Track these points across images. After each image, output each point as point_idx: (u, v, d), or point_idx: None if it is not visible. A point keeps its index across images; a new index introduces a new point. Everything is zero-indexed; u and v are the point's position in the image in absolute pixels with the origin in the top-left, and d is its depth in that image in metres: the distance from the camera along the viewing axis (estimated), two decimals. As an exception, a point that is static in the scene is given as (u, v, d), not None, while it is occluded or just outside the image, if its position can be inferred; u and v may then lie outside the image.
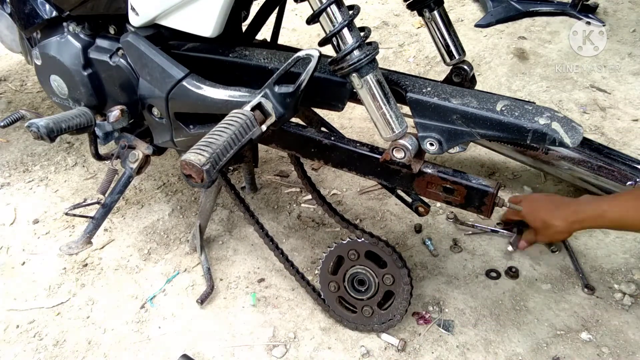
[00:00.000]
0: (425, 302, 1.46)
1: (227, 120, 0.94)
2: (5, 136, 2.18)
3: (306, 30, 2.83)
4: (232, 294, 1.51)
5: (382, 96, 1.00)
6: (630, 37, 2.52)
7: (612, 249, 1.59)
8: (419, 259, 1.59)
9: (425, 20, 1.22)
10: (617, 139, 1.97)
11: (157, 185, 1.92)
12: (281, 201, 1.83)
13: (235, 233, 1.72)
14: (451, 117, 0.99)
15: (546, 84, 2.29)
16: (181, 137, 1.28)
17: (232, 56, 1.23)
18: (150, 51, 1.20)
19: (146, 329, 1.43)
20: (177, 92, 1.18)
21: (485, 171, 1.90)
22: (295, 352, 1.36)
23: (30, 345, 1.40)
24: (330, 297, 1.38)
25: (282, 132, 1.20)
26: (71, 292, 1.54)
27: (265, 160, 2.01)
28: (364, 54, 0.97)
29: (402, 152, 1.05)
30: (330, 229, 1.71)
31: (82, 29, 1.34)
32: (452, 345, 1.35)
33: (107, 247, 1.68)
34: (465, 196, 1.05)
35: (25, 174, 1.99)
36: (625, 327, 1.37)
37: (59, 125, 1.24)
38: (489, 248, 1.61)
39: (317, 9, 0.97)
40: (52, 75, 1.40)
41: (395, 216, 1.75)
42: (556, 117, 0.93)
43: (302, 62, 1.01)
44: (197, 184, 0.89)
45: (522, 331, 1.37)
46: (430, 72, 2.45)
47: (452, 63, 1.24)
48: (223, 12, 1.09)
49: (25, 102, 2.41)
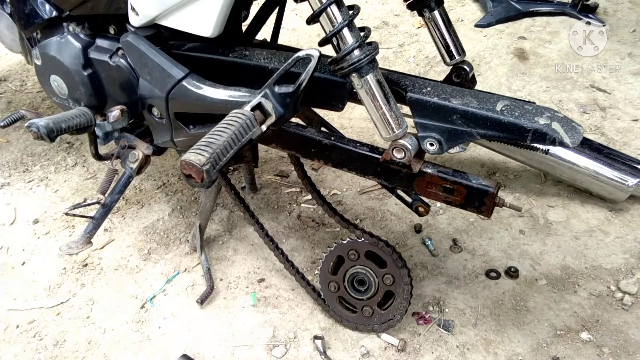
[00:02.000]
0: (425, 302, 1.46)
1: (227, 120, 0.94)
2: (5, 136, 2.18)
3: (306, 30, 2.83)
4: (232, 294, 1.51)
5: (382, 96, 1.00)
6: (630, 37, 2.52)
7: (612, 249, 1.59)
8: (419, 259, 1.59)
9: (425, 20, 1.22)
10: (617, 139, 1.97)
11: (157, 185, 1.92)
12: (281, 201, 1.83)
13: (235, 233, 1.72)
14: (451, 117, 0.99)
15: (546, 84, 2.29)
16: (181, 137, 1.28)
17: (232, 56, 1.23)
18: (150, 51, 1.20)
19: (146, 329, 1.43)
20: (177, 92, 1.18)
21: (485, 171, 1.90)
22: (295, 352, 1.36)
23: (30, 345, 1.40)
24: (330, 297, 1.38)
25: (282, 132, 1.20)
26: (71, 292, 1.54)
27: (265, 160, 2.01)
28: (364, 54, 0.96)
29: (402, 152, 1.05)
30: (330, 229, 1.71)
31: (82, 29, 1.34)
32: (452, 345, 1.35)
33: (107, 247, 1.68)
34: (465, 196, 1.05)
35: (25, 174, 1.99)
36: (625, 327, 1.37)
37: (59, 125, 1.24)
38: (489, 248, 1.61)
39: (317, 9, 0.97)
40: (52, 75, 1.40)
41: (395, 216, 1.74)
42: (556, 117, 0.93)
43: (302, 62, 1.01)
44: (197, 184, 0.89)
45: (522, 331, 1.37)
46: (430, 72, 2.45)
47: (452, 63, 1.24)
48: (223, 12, 1.09)
49: (25, 102, 2.41)
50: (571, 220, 1.69)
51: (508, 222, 1.70)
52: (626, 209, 1.70)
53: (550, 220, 1.69)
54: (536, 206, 1.75)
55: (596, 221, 1.68)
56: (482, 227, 1.69)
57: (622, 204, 1.70)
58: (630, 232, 1.63)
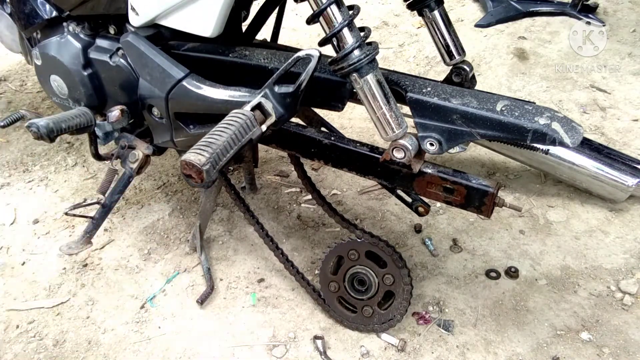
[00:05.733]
0: (425, 302, 1.46)
1: (227, 120, 0.94)
2: (5, 136, 2.18)
3: (306, 30, 2.82)
4: (232, 294, 1.51)
5: (382, 96, 1.00)
6: (630, 37, 2.52)
7: (612, 249, 1.59)
8: (419, 259, 1.59)
9: (425, 20, 1.22)
10: (617, 139, 1.97)
11: (157, 185, 1.92)
12: (281, 201, 1.83)
13: (235, 233, 1.72)
14: (451, 117, 0.99)
15: (546, 84, 2.29)
16: (181, 137, 1.28)
17: (232, 56, 1.23)
18: (150, 51, 1.20)
19: (146, 329, 1.43)
20: (177, 92, 1.18)
21: (485, 171, 1.90)
22: (295, 352, 1.36)
23: (30, 345, 1.40)
24: (331, 297, 1.38)
25: (282, 132, 1.20)
26: (71, 292, 1.54)
27: (265, 160, 2.01)
28: (364, 54, 0.96)
29: (402, 152, 1.05)
30: (330, 229, 1.71)
31: (82, 29, 1.34)
32: (452, 345, 1.35)
33: (107, 247, 1.68)
34: (465, 196, 1.05)
35: (25, 174, 1.99)
36: (625, 327, 1.37)
37: (59, 125, 1.24)
38: (489, 248, 1.61)
39: (317, 9, 0.97)
40: (52, 75, 1.40)
41: (395, 216, 1.74)
42: (556, 117, 0.93)
43: (302, 62, 1.01)
44: (197, 184, 0.89)
45: (522, 331, 1.37)
46: (430, 72, 2.45)
47: (452, 63, 1.24)
48: (223, 12, 1.09)
49: (25, 102, 2.41)
50: (571, 220, 1.69)
51: (508, 222, 1.70)
52: (626, 209, 1.70)
53: (550, 220, 1.70)
54: (536, 206, 1.75)
55: (596, 221, 1.68)
56: (482, 227, 1.69)
57: (622, 204, 1.70)
58: (630, 232, 1.63)
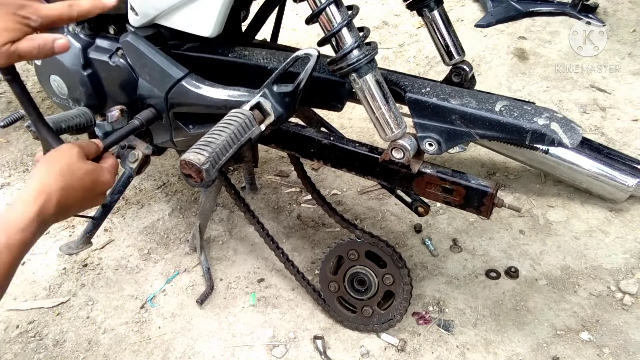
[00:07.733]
0: (425, 302, 1.46)
1: (226, 120, 0.94)
2: (5, 136, 2.18)
3: (306, 30, 2.82)
4: (232, 294, 1.51)
5: (381, 96, 1.00)
6: (630, 37, 2.51)
7: (612, 249, 1.58)
8: (419, 259, 1.59)
9: (425, 20, 1.22)
10: (617, 139, 1.97)
11: (157, 185, 1.92)
12: (281, 201, 1.83)
13: (235, 233, 1.72)
14: (450, 118, 0.99)
15: (546, 84, 2.28)
16: (181, 137, 1.28)
17: (231, 56, 1.23)
18: (149, 51, 1.20)
19: (146, 329, 1.43)
20: (177, 92, 1.18)
21: (485, 171, 1.90)
22: (295, 352, 1.36)
23: (30, 345, 1.40)
24: (330, 297, 1.38)
25: (282, 132, 1.20)
26: (71, 292, 1.54)
27: (265, 160, 2.01)
28: (363, 54, 0.96)
29: (401, 152, 1.05)
30: (330, 229, 1.71)
31: (81, 29, 1.34)
32: (452, 345, 1.35)
33: (107, 247, 1.68)
34: (464, 196, 1.05)
35: (25, 174, 1.99)
36: (625, 327, 1.37)
37: (59, 125, 1.23)
38: (489, 248, 1.61)
39: (316, 9, 0.96)
40: (52, 75, 1.40)
41: (395, 216, 1.74)
42: (555, 118, 0.93)
43: (301, 61, 1.01)
44: (196, 183, 0.89)
45: (522, 331, 1.37)
46: (430, 72, 2.45)
47: (451, 63, 1.24)
48: (222, 12, 1.09)
49: (26, 102, 2.41)
50: (571, 220, 1.69)
51: (508, 222, 1.70)
52: (626, 209, 1.70)
53: (550, 220, 1.69)
54: (536, 206, 1.75)
55: (596, 221, 1.68)
56: (482, 227, 1.69)
57: (622, 204, 1.70)
58: (630, 232, 1.63)
